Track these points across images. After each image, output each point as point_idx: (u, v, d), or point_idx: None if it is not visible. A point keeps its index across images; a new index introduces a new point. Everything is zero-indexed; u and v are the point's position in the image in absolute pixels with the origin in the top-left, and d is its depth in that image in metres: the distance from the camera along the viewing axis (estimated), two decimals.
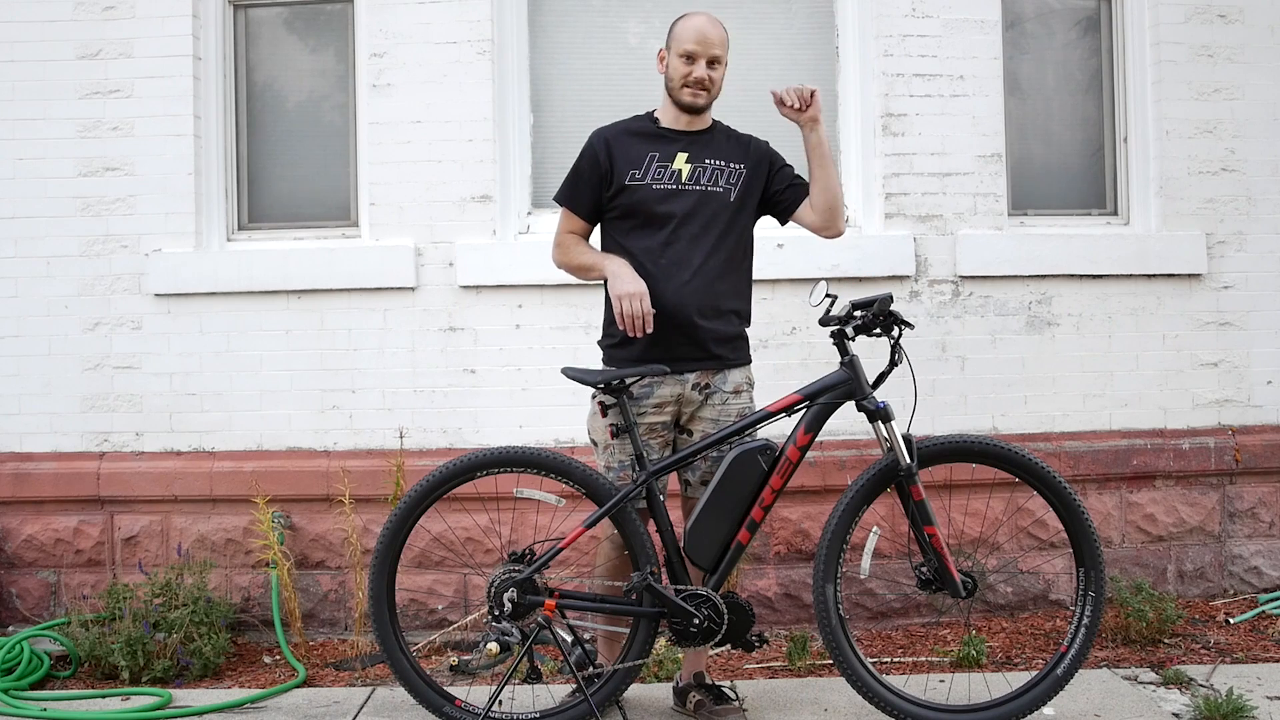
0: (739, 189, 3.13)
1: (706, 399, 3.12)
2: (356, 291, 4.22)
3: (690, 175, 3.09)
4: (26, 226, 4.25)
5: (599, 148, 3.12)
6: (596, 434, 3.19)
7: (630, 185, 3.08)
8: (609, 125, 3.19)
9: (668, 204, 3.07)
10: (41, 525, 4.18)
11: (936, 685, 3.40)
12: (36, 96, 4.24)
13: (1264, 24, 4.37)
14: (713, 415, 3.12)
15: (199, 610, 3.75)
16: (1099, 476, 4.23)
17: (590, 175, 3.13)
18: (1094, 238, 4.33)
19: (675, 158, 3.09)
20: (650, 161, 3.09)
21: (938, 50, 4.27)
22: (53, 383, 4.25)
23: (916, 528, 3.02)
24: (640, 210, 3.09)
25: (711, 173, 3.11)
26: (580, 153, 3.17)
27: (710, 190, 3.10)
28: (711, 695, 3.19)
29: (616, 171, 3.09)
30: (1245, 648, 3.78)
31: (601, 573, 3.19)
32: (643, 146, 3.11)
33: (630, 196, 3.08)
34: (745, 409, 3.16)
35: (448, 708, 3.05)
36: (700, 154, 3.11)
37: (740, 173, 3.14)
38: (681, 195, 3.08)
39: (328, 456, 4.18)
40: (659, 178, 3.08)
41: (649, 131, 3.15)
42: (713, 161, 3.12)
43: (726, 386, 3.13)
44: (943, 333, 4.26)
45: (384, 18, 4.24)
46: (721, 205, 3.11)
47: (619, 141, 3.12)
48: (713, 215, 3.09)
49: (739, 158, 3.16)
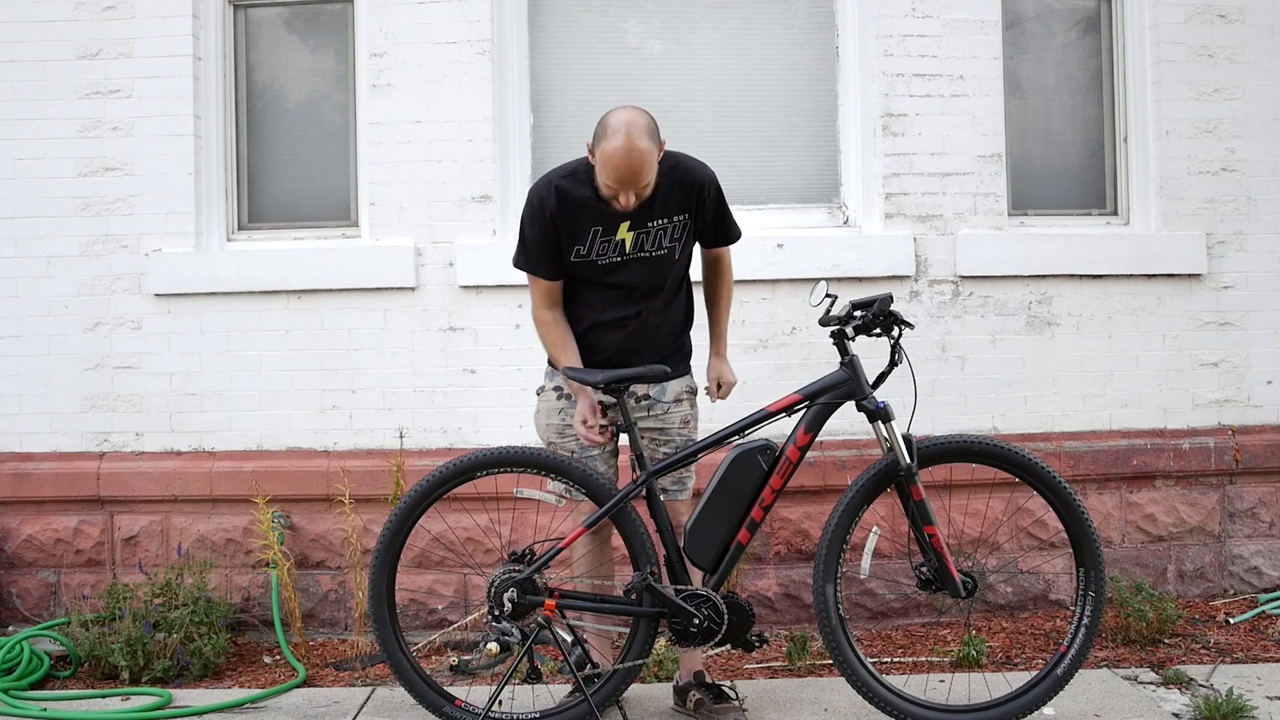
0: (683, 242, 3.12)
1: (648, 410, 3.17)
2: (356, 291, 4.22)
3: (634, 243, 3.06)
4: (26, 226, 4.25)
5: (544, 213, 3.03)
6: (543, 432, 3.23)
7: (575, 261, 3.08)
8: (550, 184, 3.05)
9: (615, 275, 3.09)
10: (41, 525, 4.18)
11: (936, 685, 3.40)
12: (36, 96, 4.24)
13: (1264, 24, 4.37)
14: (656, 425, 3.18)
15: (199, 610, 3.75)
16: (1099, 476, 4.23)
17: (543, 240, 3.06)
18: (1094, 238, 4.33)
19: (618, 229, 3.04)
20: (594, 236, 3.05)
21: (938, 50, 4.26)
22: (53, 383, 4.25)
23: (916, 528, 3.02)
24: (589, 280, 3.11)
25: (655, 235, 3.07)
26: (525, 215, 3.09)
27: (655, 255, 3.09)
28: (711, 694, 3.19)
29: (563, 241, 3.06)
30: (1245, 648, 3.78)
31: (581, 567, 3.20)
32: (585, 218, 3.03)
33: (577, 270, 3.10)
34: (688, 415, 3.23)
35: (448, 708, 3.05)
36: (643, 218, 3.04)
37: (684, 224, 3.10)
38: (626, 266, 3.08)
39: (328, 456, 4.18)
40: (603, 252, 3.06)
41: (590, 204, 3.02)
42: (656, 223, 3.06)
43: (666, 397, 3.18)
44: (943, 333, 4.26)
45: (384, 18, 4.24)
46: (668, 264, 3.12)
47: (562, 211, 3.03)
48: (660, 274, 3.12)
49: (681, 207, 3.08)
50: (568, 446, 3.18)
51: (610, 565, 3.29)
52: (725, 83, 4.40)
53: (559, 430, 3.19)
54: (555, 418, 3.19)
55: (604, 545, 3.27)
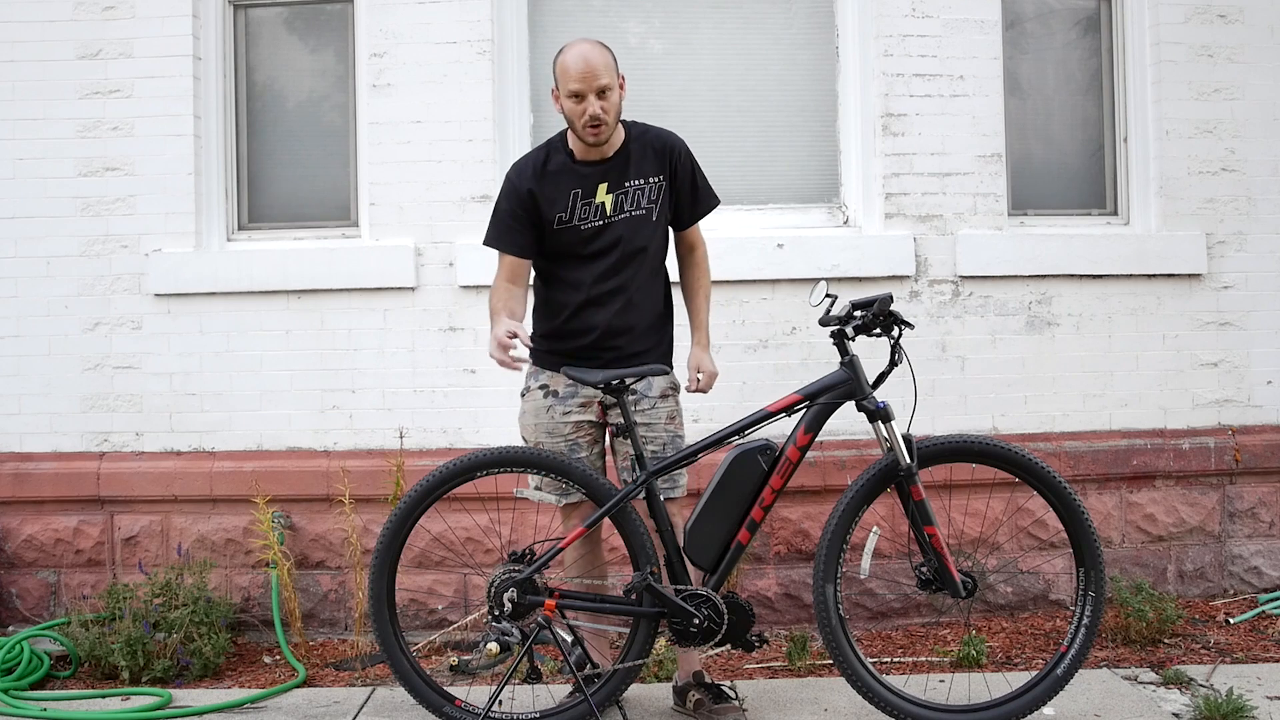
0: (659, 204, 3.14)
1: (634, 405, 3.15)
2: (356, 291, 4.22)
3: (614, 206, 3.09)
4: (26, 226, 4.25)
5: (521, 187, 3.10)
6: (529, 432, 3.21)
7: (558, 229, 3.09)
8: (524, 161, 3.16)
9: (598, 240, 3.09)
10: (41, 525, 4.18)
11: (936, 685, 3.40)
12: (36, 96, 4.24)
13: (1264, 24, 4.37)
14: (643, 420, 3.15)
15: (199, 610, 3.74)
16: (1099, 476, 4.23)
17: (518, 212, 3.10)
18: (1094, 238, 4.33)
19: (597, 190, 3.08)
20: (574, 200, 3.08)
21: (938, 50, 4.27)
22: (53, 383, 4.25)
23: (916, 528, 3.02)
24: (571, 250, 3.11)
25: (634, 195, 3.11)
26: (501, 191, 3.15)
27: (634, 215, 3.11)
28: (711, 694, 3.19)
29: (542, 214, 3.09)
30: (1245, 648, 3.78)
31: (574, 571, 3.19)
32: (563, 184, 3.09)
33: (560, 239, 3.11)
34: (673, 411, 3.21)
35: (448, 708, 3.05)
36: (620, 178, 3.10)
37: (660, 186, 3.14)
38: (609, 229, 3.10)
39: (328, 456, 4.18)
40: (584, 216, 3.08)
41: (566, 168, 3.11)
42: (632, 183, 3.11)
43: (652, 392, 3.17)
44: (943, 333, 4.26)
45: (384, 18, 4.24)
46: (645, 224, 3.13)
47: (539, 184, 3.09)
48: (638, 238, 3.12)
49: (656, 169, 3.14)
50: (557, 447, 3.17)
51: (604, 566, 3.28)
52: (725, 83, 4.40)
53: (548, 429, 3.17)
54: (544, 416, 3.18)
55: (596, 546, 3.26)
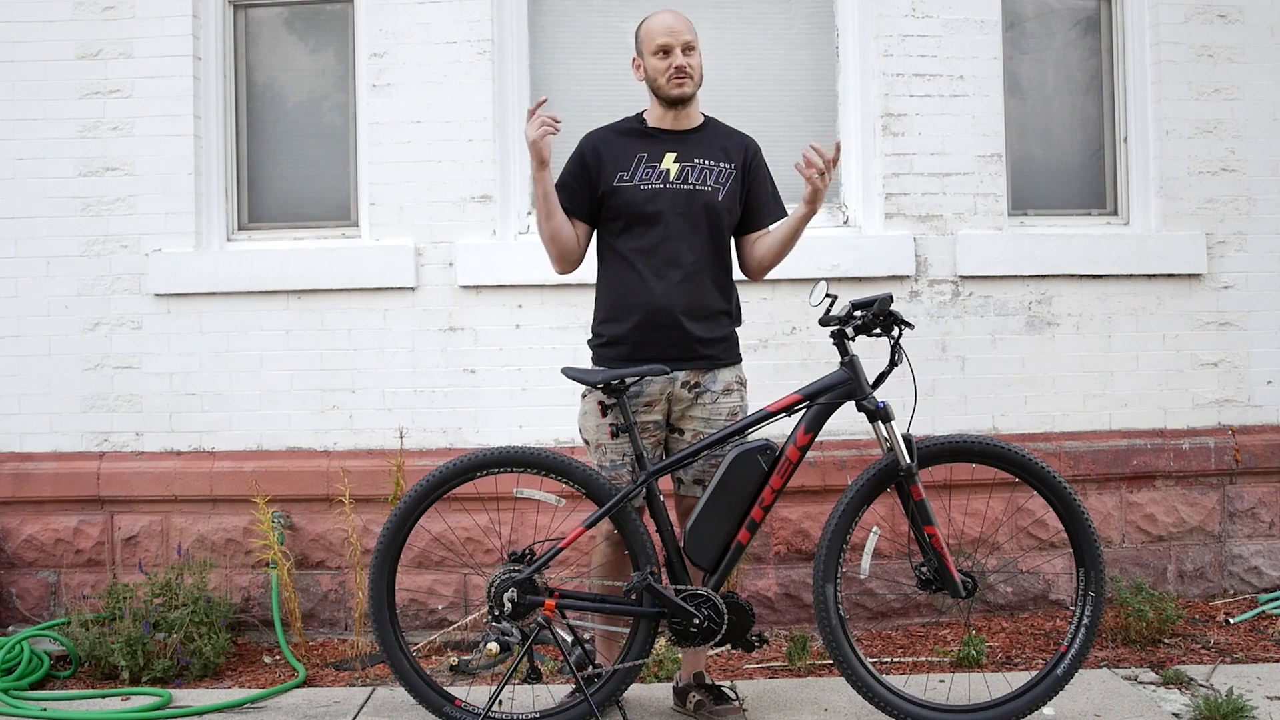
0: (727, 188, 3.14)
1: (697, 398, 3.12)
2: (356, 291, 4.22)
3: (679, 174, 3.10)
4: (26, 226, 4.25)
5: (586, 151, 3.16)
6: (589, 433, 3.19)
7: (619, 186, 3.10)
8: (598, 129, 3.22)
9: (655, 203, 3.08)
10: (41, 525, 4.18)
11: (936, 685, 3.40)
12: (36, 96, 4.24)
13: (1264, 24, 4.37)
14: (704, 415, 3.12)
15: (199, 610, 3.74)
16: (1099, 476, 4.23)
17: (580, 175, 3.15)
18: (1094, 238, 4.33)
19: (664, 157, 3.11)
20: (639, 162, 3.11)
21: (938, 50, 4.27)
22: (53, 383, 4.25)
23: (916, 528, 3.02)
24: (629, 210, 3.10)
25: (700, 171, 3.12)
26: (570, 157, 3.19)
27: (698, 189, 3.11)
28: (711, 695, 3.19)
29: (604, 174, 3.11)
30: (1245, 648, 3.78)
31: (599, 573, 3.19)
32: (631, 146, 3.14)
33: (619, 197, 3.10)
34: (737, 408, 3.17)
35: (448, 708, 3.05)
36: (689, 153, 3.13)
37: (730, 172, 3.16)
38: (669, 194, 3.09)
39: (328, 456, 4.18)
40: (646, 177, 3.09)
41: (637, 131, 3.18)
42: (701, 160, 3.13)
43: (716, 386, 3.14)
44: (943, 333, 4.26)
45: (384, 18, 4.24)
46: (709, 204, 3.11)
47: (606, 143, 3.15)
48: (701, 214, 3.10)
49: (730, 157, 3.17)
50: (608, 458, 3.14)
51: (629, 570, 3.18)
52: (725, 83, 4.39)
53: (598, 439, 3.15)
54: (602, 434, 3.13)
55: (619, 549, 3.16)
